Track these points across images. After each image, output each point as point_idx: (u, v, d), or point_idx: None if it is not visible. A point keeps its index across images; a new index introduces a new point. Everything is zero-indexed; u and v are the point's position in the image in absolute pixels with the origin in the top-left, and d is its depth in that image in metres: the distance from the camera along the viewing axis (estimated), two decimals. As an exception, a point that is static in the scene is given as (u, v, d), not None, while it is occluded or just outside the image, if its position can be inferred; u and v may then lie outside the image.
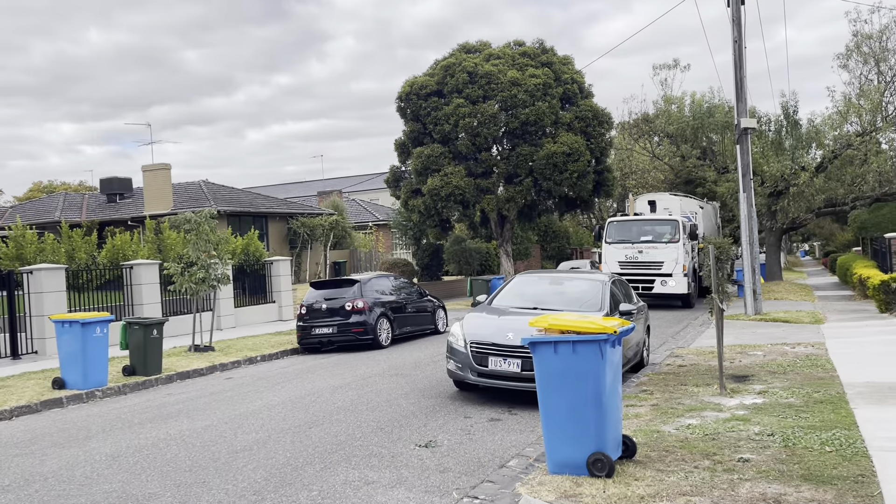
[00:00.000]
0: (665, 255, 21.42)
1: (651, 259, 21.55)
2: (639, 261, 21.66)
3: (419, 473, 6.24)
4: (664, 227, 21.97)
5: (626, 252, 21.96)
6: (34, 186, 59.80)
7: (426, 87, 26.83)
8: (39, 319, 15.15)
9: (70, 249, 21.05)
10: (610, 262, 22.08)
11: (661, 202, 24.40)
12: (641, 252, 21.70)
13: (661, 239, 21.60)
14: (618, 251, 22.12)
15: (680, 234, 21.52)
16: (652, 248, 21.62)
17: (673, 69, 34.29)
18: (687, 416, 7.63)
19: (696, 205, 25.68)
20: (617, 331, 5.81)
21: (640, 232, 22.19)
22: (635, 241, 21.94)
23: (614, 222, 22.97)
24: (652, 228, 22.14)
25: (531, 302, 10.10)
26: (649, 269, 21.58)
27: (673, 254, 21.33)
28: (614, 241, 22.37)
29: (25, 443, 8.05)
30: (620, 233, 22.53)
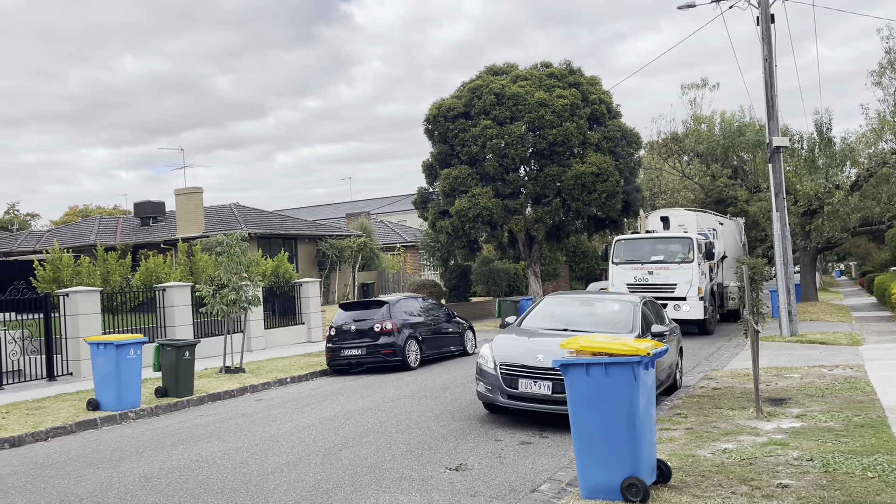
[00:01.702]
0: (678, 276, 19.45)
1: (663, 281, 19.50)
2: (649, 283, 19.56)
3: (450, 497, 6.19)
4: (677, 246, 19.97)
5: (635, 273, 19.98)
6: (70, 210, 61.15)
7: (453, 110, 27.00)
8: (75, 341, 15.41)
9: (105, 272, 21.42)
10: (617, 284, 20.09)
11: (676, 218, 22.43)
12: (652, 273, 19.74)
13: (673, 259, 19.67)
14: (626, 272, 20.14)
15: (694, 254, 19.56)
16: (664, 269, 19.66)
17: (702, 88, 34.10)
18: (723, 440, 7.48)
19: (716, 221, 23.68)
20: (650, 353, 5.74)
21: (650, 251, 20.24)
22: (645, 262, 19.99)
23: (622, 241, 20.95)
24: (664, 247, 20.14)
25: (561, 323, 10.02)
26: (661, 292, 19.34)
27: (686, 275, 19.38)
28: (622, 262, 20.37)
29: (61, 464, 8.15)
30: (629, 252, 20.47)
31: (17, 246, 35.02)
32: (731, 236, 25.00)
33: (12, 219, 57.73)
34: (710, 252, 19.79)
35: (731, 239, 24.82)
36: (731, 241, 24.67)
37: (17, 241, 36.63)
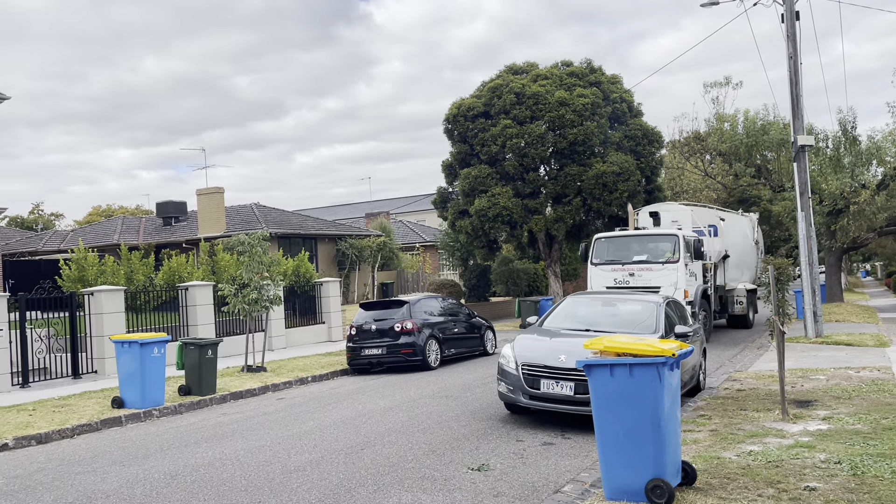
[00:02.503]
0: (662, 278, 17.10)
1: (644, 283, 17.09)
2: (630, 286, 17.20)
3: (472, 497, 6.18)
4: (661, 245, 17.79)
5: (615, 275, 17.77)
6: (93, 210, 61.97)
7: (473, 109, 26.97)
8: (99, 340, 15.59)
9: (129, 271, 21.67)
10: (596, 287, 18.03)
11: (668, 214, 20.24)
12: (633, 275, 17.53)
13: (657, 259, 17.51)
14: (605, 274, 17.96)
15: (680, 253, 17.20)
16: (646, 271, 17.45)
17: (725, 86, 33.73)
18: (748, 442, 7.39)
19: (715, 216, 20.99)
20: (675, 354, 5.69)
21: (632, 250, 18.16)
22: (627, 262, 17.80)
23: (602, 239, 18.77)
24: (647, 246, 18.07)
25: (583, 324, 9.97)
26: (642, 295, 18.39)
27: (671, 276, 17.01)
28: (602, 262, 18.19)
29: (87, 460, 8.25)
30: (609, 252, 18.34)
31: (42, 245, 35.54)
32: (739, 234, 22.56)
33: (37, 218, 58.62)
34: (698, 251, 17.55)
35: (739, 237, 22.37)
36: (739, 239, 22.20)
37: (42, 240, 37.17)
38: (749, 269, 22.90)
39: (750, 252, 23.24)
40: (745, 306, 21.83)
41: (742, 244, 22.46)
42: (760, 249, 24.70)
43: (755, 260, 23.50)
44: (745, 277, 22.36)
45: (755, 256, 23.60)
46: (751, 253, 23.30)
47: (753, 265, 23.27)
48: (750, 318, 22.52)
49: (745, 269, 22.49)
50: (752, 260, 23.27)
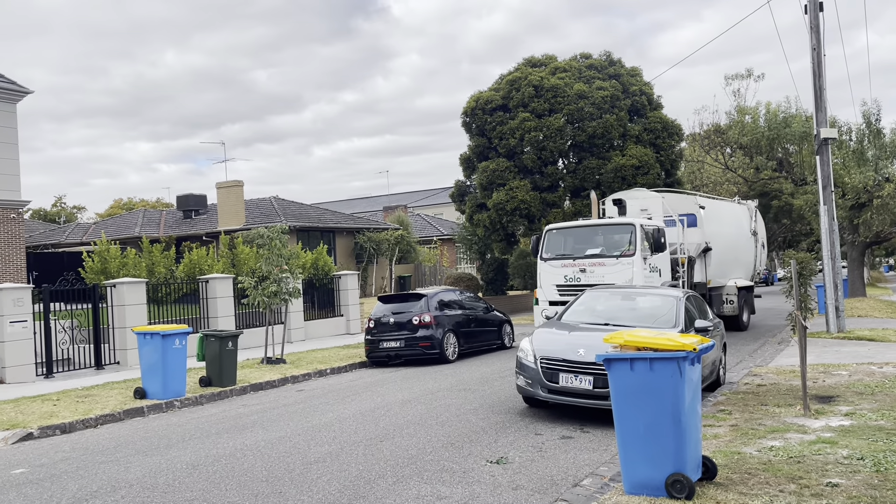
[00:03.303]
0: (615, 274, 15.06)
1: (597, 281, 15.15)
2: (581, 284, 15.19)
3: (491, 490, 6.19)
4: (616, 236, 15.69)
5: (565, 272, 15.74)
6: (115, 203, 62.65)
7: (491, 102, 26.91)
8: (121, 331, 15.79)
9: (150, 264, 21.89)
10: (545, 285, 16.06)
11: (636, 202, 18.07)
12: (584, 271, 15.45)
13: (611, 252, 15.42)
14: (555, 271, 15.91)
15: (636, 245, 15.12)
16: (598, 266, 15.34)
17: (746, 79, 33.47)
18: (769, 437, 7.34)
19: (694, 204, 18.41)
20: (696, 348, 5.65)
21: (586, 243, 16.00)
22: (578, 257, 15.70)
23: (553, 231, 16.61)
24: (601, 238, 15.94)
25: (602, 318, 9.94)
26: None
27: (625, 272, 14.97)
28: (552, 257, 16.10)
29: (111, 450, 8.37)
30: (560, 245, 16.24)
31: (65, 238, 35.99)
32: (729, 223, 20.04)
33: (60, 211, 59.37)
34: (659, 242, 15.43)
35: (728, 227, 19.85)
36: (728, 230, 19.68)
37: (64, 233, 37.63)
38: (744, 263, 20.79)
39: (745, 244, 20.98)
40: (735, 306, 19.46)
41: (733, 235, 20.01)
42: (761, 242, 22.27)
43: (752, 253, 21.33)
44: (738, 273, 20.13)
45: (752, 249, 21.37)
46: (746, 245, 21.05)
47: (750, 259, 21.21)
48: (743, 320, 20.14)
49: (739, 264, 20.29)
50: (748, 253, 21.05)
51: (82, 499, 6.38)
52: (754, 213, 22.01)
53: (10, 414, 10.35)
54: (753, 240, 21.56)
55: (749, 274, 21.05)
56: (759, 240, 22.13)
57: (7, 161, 23.15)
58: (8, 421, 9.83)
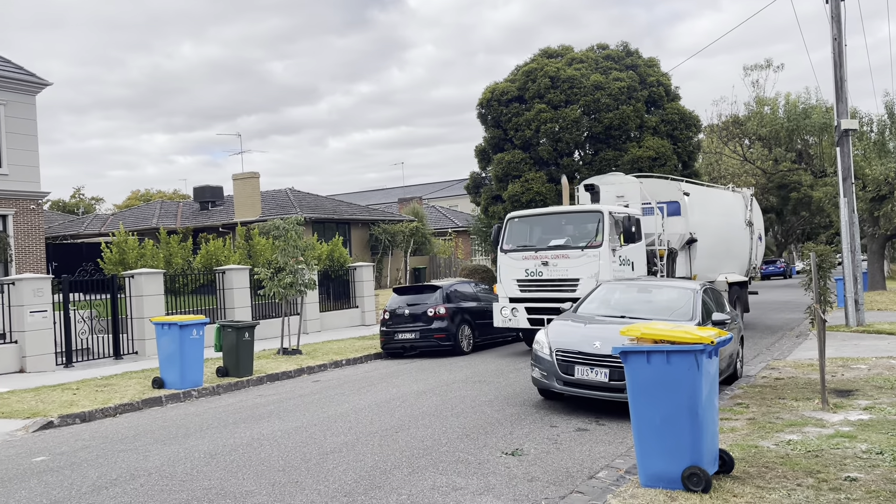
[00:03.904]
0: (580, 267, 13.45)
1: (560, 276, 13.64)
2: (543, 278, 13.83)
3: (506, 481, 6.20)
4: (582, 225, 14.04)
5: (526, 265, 14.10)
6: (132, 195, 63.17)
7: (507, 94, 26.83)
8: (139, 321, 15.94)
9: (168, 255, 22.08)
10: (505, 280, 14.43)
11: (611, 188, 16.36)
12: (547, 264, 13.85)
13: (576, 243, 13.80)
14: (516, 264, 14.26)
15: (604, 234, 13.53)
16: (562, 258, 13.72)
17: (765, 69, 33.15)
18: (787, 431, 7.29)
19: (678, 190, 16.51)
20: (714, 341, 5.61)
21: (549, 233, 14.38)
22: (541, 248, 14.09)
23: (515, 219, 14.95)
24: (567, 227, 14.37)
25: (618, 310, 9.90)
26: (557, 290, 13.65)
27: (591, 267, 13.37)
28: (513, 249, 14.44)
29: (130, 439, 8.46)
30: (523, 235, 14.60)
31: (83, 229, 36.36)
32: (719, 212, 18.37)
33: (78, 202, 59.95)
34: (629, 231, 13.87)
35: (718, 216, 18.15)
36: (718, 220, 17.99)
37: (83, 224, 38.02)
38: (737, 257, 19.04)
39: (739, 236, 19.15)
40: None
41: (724, 225, 18.31)
42: (757, 233, 20.40)
43: (747, 246, 19.55)
44: (731, 267, 18.34)
45: (747, 241, 19.57)
46: (740, 237, 19.23)
47: (745, 252, 19.50)
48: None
49: (731, 258, 18.56)
50: (741, 245, 19.29)
51: (102, 486, 6.47)
52: (750, 201, 20.16)
53: (30, 402, 10.50)
54: (748, 231, 19.76)
55: (743, 268, 19.41)
56: (756, 231, 20.30)
57: (27, 153, 23.39)
58: (29, 409, 9.97)
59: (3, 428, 9.06)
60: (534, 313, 13.87)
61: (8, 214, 22.84)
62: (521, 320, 14.06)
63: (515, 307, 14.14)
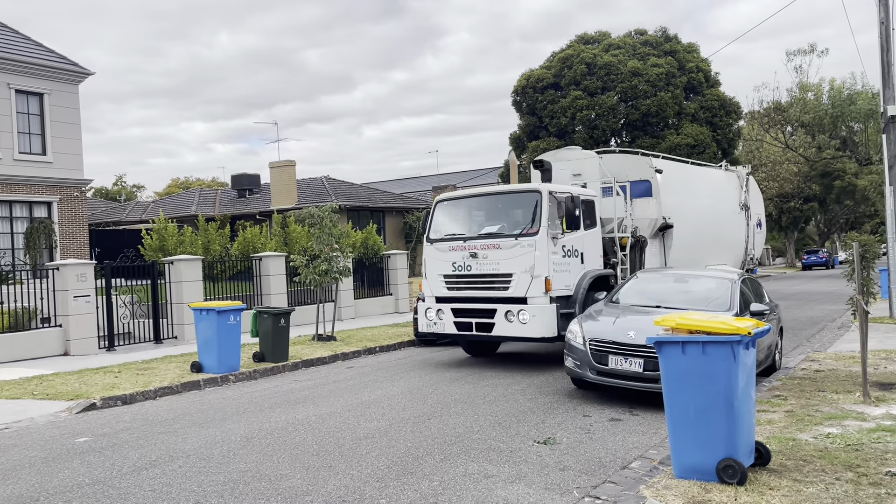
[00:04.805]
0: (513, 261, 11.19)
1: (491, 270, 11.41)
2: (472, 273, 11.61)
3: (538, 470, 6.20)
4: (519, 209, 11.73)
5: (454, 258, 11.81)
6: (172, 182, 64.33)
7: (542, 80, 26.60)
8: (179, 307, 16.26)
9: (206, 241, 22.45)
10: (431, 276, 12.16)
11: (567, 164, 13.82)
12: (476, 257, 11.53)
13: (510, 231, 11.47)
14: (443, 256, 11.97)
15: (541, 220, 11.15)
16: (493, 249, 11.40)
17: (809, 54, 32.31)
18: (826, 424, 7.14)
19: (648, 167, 13.89)
20: (751, 332, 5.52)
21: (483, 219, 12.13)
22: (470, 237, 11.79)
23: (444, 202, 12.69)
24: (501, 211, 12.05)
25: (653, 300, 9.79)
26: (487, 288, 11.48)
27: (525, 260, 11.08)
28: (440, 239, 12.18)
29: (169, 421, 8.66)
30: (454, 222, 12.38)
31: (125, 216, 37.13)
32: (703, 193, 15.74)
33: (120, 190, 61.26)
34: (573, 216, 11.38)
35: (702, 197, 15.57)
36: (701, 202, 15.38)
37: (125, 211, 38.84)
38: (729, 246, 16.58)
39: (730, 221, 16.60)
40: None
41: (711, 209, 15.71)
42: (755, 219, 17.82)
43: (741, 233, 17.00)
44: (721, 258, 15.73)
45: (742, 228, 17.01)
46: (732, 223, 16.68)
47: (739, 241, 16.99)
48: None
49: (720, 247, 16.02)
50: (734, 233, 16.77)
51: (142, 467, 6.63)
52: (745, 181, 17.42)
53: (74, 385, 10.80)
54: (744, 216, 17.09)
55: (738, 260, 16.90)
56: (753, 216, 17.59)
57: (70, 141, 23.94)
58: (72, 391, 10.26)
59: (47, 409, 9.34)
60: (461, 316, 11.66)
61: (53, 201, 23.44)
62: (447, 324, 11.86)
63: (441, 309, 11.91)
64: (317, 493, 5.74)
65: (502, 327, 11.22)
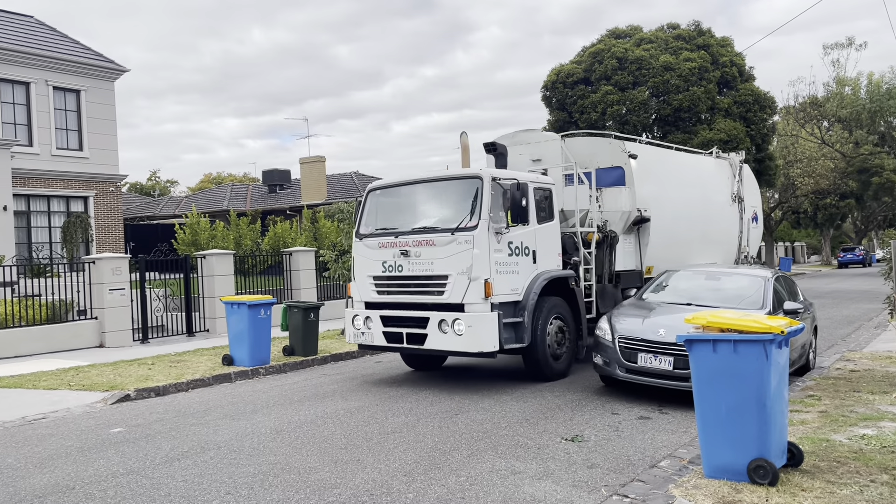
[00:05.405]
0: (449, 260, 9.50)
1: (424, 271, 9.75)
2: (403, 275, 9.94)
3: (566, 467, 6.17)
4: (455, 199, 9.99)
5: (384, 256, 10.12)
6: (205, 178, 65.25)
7: (573, 75, 26.42)
8: (210, 300, 16.50)
9: (237, 236, 22.74)
10: (360, 278, 10.47)
11: (525, 148, 12.43)
12: (407, 255, 9.84)
13: (446, 225, 9.72)
14: (373, 254, 10.26)
15: (481, 212, 9.47)
16: (426, 247, 9.72)
17: (846, 48, 31.56)
18: (861, 425, 7.00)
19: (621, 152, 12.23)
20: (784, 331, 5.43)
21: (417, 210, 10.42)
22: (401, 233, 10.10)
23: (376, 192, 10.93)
24: (440, 201, 10.25)
25: (684, 298, 9.68)
26: (420, 292, 9.83)
27: (462, 259, 9.39)
28: (370, 234, 10.51)
29: (200, 413, 8.80)
30: (388, 214, 10.69)
31: (159, 210, 37.77)
32: (688, 183, 13.92)
33: (154, 185, 62.28)
34: (519, 207, 9.56)
35: (687, 187, 13.78)
36: (686, 193, 13.64)
37: (159, 205, 39.49)
38: (720, 242, 14.73)
39: (721, 215, 14.78)
40: None
41: (698, 200, 13.95)
42: (750, 212, 15.94)
43: (735, 228, 15.21)
44: (711, 256, 14.05)
45: (735, 222, 15.23)
46: (723, 216, 14.89)
47: (732, 237, 15.16)
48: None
49: (709, 244, 14.18)
50: (726, 228, 14.93)
51: (174, 458, 6.75)
52: (738, 169, 15.57)
53: (109, 376, 11.03)
54: (737, 208, 15.30)
55: (730, 258, 15.16)
56: (748, 209, 15.75)
57: (106, 137, 24.39)
58: (108, 382, 10.47)
59: (83, 400, 9.55)
60: (391, 325, 9.99)
61: (89, 196, 23.91)
62: (376, 334, 10.16)
63: (370, 316, 10.22)
64: (345, 486, 5.79)
65: (435, 339, 9.48)
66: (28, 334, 13.85)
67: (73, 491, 5.89)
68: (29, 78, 22.86)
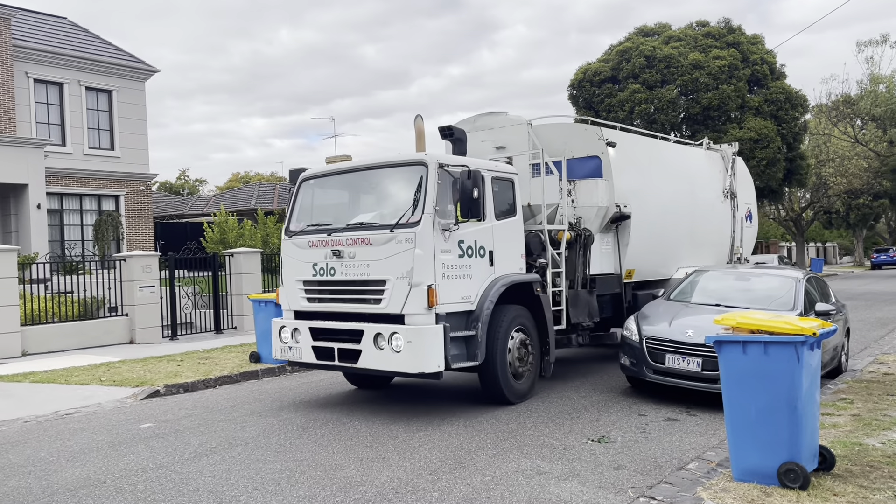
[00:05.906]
0: (387, 262, 8.03)
1: (358, 275, 8.27)
2: (335, 279, 8.48)
3: (592, 468, 6.13)
4: (396, 189, 8.63)
5: (315, 257, 8.64)
6: (233, 177, 65.96)
7: (600, 74, 26.25)
8: (238, 298, 16.66)
9: (265, 235, 22.92)
10: (289, 282, 8.97)
11: (488, 136, 11.07)
12: (340, 256, 8.37)
13: (384, 220, 8.29)
14: (303, 255, 8.79)
15: (425, 205, 7.96)
16: (361, 246, 8.26)
17: (881, 45, 30.97)
18: (895, 429, 6.86)
19: (599, 140, 10.82)
20: (816, 333, 5.33)
21: (354, 203, 9.12)
22: (334, 230, 8.62)
23: (310, 182, 9.50)
24: (383, 192, 8.86)
25: (713, 298, 9.56)
26: (354, 300, 8.35)
27: (403, 260, 7.89)
28: (300, 231, 9.02)
29: (228, 410, 8.89)
30: (319, 208, 9.33)
31: (188, 209, 38.25)
32: (674, 175, 12.62)
33: (183, 184, 63.13)
34: (471, 199, 8.03)
35: (674, 180, 12.50)
36: (673, 186, 12.40)
37: (188, 204, 39.99)
38: (712, 243, 13.63)
39: (711, 211, 13.54)
40: None
41: (685, 195, 12.68)
42: (744, 210, 14.62)
43: (727, 226, 13.99)
44: (700, 257, 12.95)
45: (727, 220, 13.98)
46: (717, 214, 13.71)
47: (724, 236, 13.97)
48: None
49: (697, 243, 13.02)
50: (718, 226, 13.74)
51: (203, 454, 6.83)
52: (731, 162, 14.25)
53: (139, 372, 11.20)
54: (729, 205, 14.04)
55: (721, 259, 13.94)
56: (741, 206, 14.43)
57: (137, 136, 24.77)
58: (137, 378, 10.64)
59: (114, 395, 9.71)
60: (322, 338, 8.51)
61: (120, 195, 24.31)
62: (305, 349, 8.67)
63: (298, 327, 8.76)
64: (370, 483, 5.81)
65: (370, 356, 8.00)
66: (60, 330, 14.12)
67: (105, 485, 5.98)
68: (62, 78, 23.29)
